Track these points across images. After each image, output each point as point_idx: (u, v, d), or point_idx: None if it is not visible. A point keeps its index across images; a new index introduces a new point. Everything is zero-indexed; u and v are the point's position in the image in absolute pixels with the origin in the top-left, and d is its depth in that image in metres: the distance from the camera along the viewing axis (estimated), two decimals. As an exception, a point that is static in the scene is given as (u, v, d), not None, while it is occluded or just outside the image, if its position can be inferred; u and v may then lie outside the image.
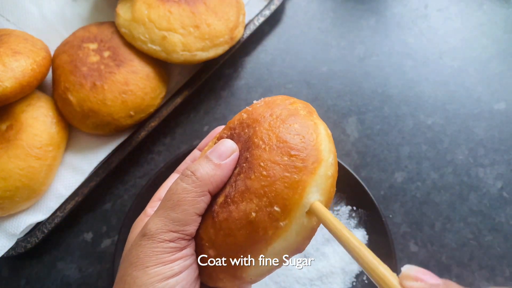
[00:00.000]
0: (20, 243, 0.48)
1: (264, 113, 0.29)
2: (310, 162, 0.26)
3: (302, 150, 0.26)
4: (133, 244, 0.28)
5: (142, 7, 0.49)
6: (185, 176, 0.28)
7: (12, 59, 0.44)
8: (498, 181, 0.51)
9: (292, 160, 0.26)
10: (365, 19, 0.62)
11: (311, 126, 0.27)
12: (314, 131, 0.27)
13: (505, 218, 0.49)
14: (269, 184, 0.25)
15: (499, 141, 0.53)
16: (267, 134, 0.27)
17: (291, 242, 0.26)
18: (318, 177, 0.26)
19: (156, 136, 0.56)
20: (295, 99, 0.31)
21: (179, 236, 0.27)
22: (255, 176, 0.26)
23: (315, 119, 0.29)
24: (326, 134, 0.28)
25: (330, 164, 0.27)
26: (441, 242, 0.49)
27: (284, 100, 0.30)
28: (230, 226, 0.26)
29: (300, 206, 0.25)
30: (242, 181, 0.27)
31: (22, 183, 0.46)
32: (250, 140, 0.28)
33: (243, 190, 0.26)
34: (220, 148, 0.29)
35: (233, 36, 0.53)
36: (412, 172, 0.52)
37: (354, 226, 0.48)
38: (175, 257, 0.27)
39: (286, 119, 0.28)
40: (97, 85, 0.48)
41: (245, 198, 0.26)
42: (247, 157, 0.27)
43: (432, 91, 0.56)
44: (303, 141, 0.26)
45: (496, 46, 0.59)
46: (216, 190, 0.28)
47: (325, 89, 0.58)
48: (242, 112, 0.32)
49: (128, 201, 0.53)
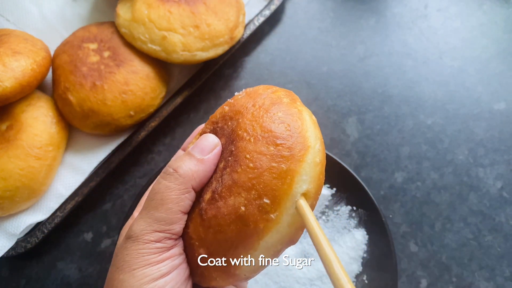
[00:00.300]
0: (20, 243, 0.48)
1: (247, 104, 0.28)
2: (297, 150, 0.25)
3: (288, 139, 0.25)
4: (118, 248, 0.27)
5: (142, 7, 0.49)
6: (167, 174, 0.27)
7: (12, 59, 0.44)
8: (498, 181, 0.51)
9: (278, 149, 0.25)
10: (365, 19, 0.62)
11: (296, 113, 0.27)
12: (299, 118, 0.26)
13: (505, 218, 0.49)
14: (256, 176, 0.24)
15: (499, 141, 0.53)
16: (251, 125, 0.26)
17: (283, 234, 0.25)
18: (306, 165, 0.25)
19: (156, 136, 0.56)
20: (277, 87, 0.30)
21: (165, 235, 0.26)
22: (241, 169, 0.25)
23: (299, 106, 0.28)
24: (311, 120, 0.27)
25: (318, 150, 0.26)
26: (441, 242, 0.49)
27: (266, 89, 0.29)
28: (219, 222, 0.25)
29: (290, 196, 0.24)
30: (229, 175, 0.26)
31: (22, 183, 0.46)
32: (234, 132, 0.27)
33: (230, 184, 0.25)
34: (202, 143, 0.28)
35: (233, 36, 0.53)
36: (412, 172, 0.52)
37: (354, 226, 0.48)
38: (162, 257, 0.26)
39: (269, 108, 0.27)
40: (97, 85, 0.48)
41: (233, 192, 0.25)
42: (232, 150, 0.27)
43: (432, 91, 0.56)
44: (288, 129, 0.26)
45: (496, 46, 0.59)
46: (200, 186, 0.28)
47: (325, 89, 0.58)
48: (224, 105, 0.31)
49: (128, 201, 0.53)
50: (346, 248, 0.47)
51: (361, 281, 0.45)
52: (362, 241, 0.47)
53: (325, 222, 0.49)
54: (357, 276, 0.46)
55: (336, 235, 0.48)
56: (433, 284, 0.47)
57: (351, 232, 0.47)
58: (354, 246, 0.47)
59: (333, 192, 0.49)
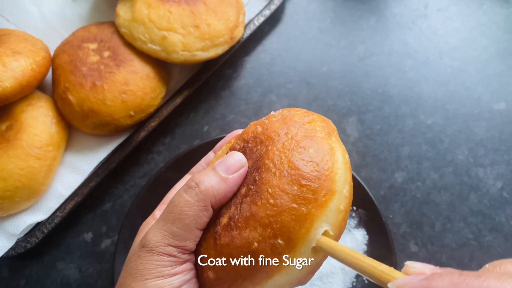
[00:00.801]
0: (20, 243, 0.48)
1: (279, 131, 0.27)
2: (322, 194, 0.24)
3: (314, 180, 0.24)
4: (132, 254, 0.28)
5: (142, 7, 0.49)
6: (189, 187, 0.27)
7: (12, 59, 0.44)
8: (498, 181, 0.51)
9: (302, 190, 0.24)
10: (365, 19, 0.62)
11: (328, 152, 0.25)
12: (330, 158, 0.25)
13: (505, 218, 0.49)
14: (275, 214, 0.24)
15: (499, 141, 0.53)
16: (279, 157, 0.25)
17: (293, 277, 0.25)
18: (329, 211, 0.24)
19: (156, 136, 0.56)
20: (315, 115, 0.29)
21: (178, 250, 0.27)
22: (261, 203, 0.24)
23: (334, 143, 0.27)
24: (344, 162, 0.26)
25: (344, 196, 0.25)
26: (441, 242, 0.49)
27: (303, 117, 0.28)
28: (231, 252, 0.25)
29: (305, 242, 0.24)
30: (248, 206, 0.25)
31: (22, 183, 0.46)
32: (262, 160, 0.26)
33: (248, 216, 0.25)
34: (229, 161, 0.28)
35: (233, 36, 0.53)
36: (412, 172, 0.52)
37: (354, 226, 0.48)
38: (175, 271, 0.26)
39: (301, 141, 0.26)
40: (97, 85, 0.48)
41: (249, 225, 0.24)
42: (255, 178, 0.26)
43: (432, 91, 0.56)
44: (316, 169, 0.24)
45: (496, 46, 0.59)
46: (219, 204, 0.27)
47: (325, 89, 0.58)
48: (257, 124, 0.30)
49: (128, 201, 0.53)
50: (346, 248, 0.47)
51: (361, 281, 0.45)
52: (362, 241, 0.47)
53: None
54: (357, 276, 0.46)
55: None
56: (433, 284, 0.47)
57: (351, 232, 0.47)
58: (354, 246, 0.47)
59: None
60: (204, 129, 0.57)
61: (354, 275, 0.46)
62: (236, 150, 0.30)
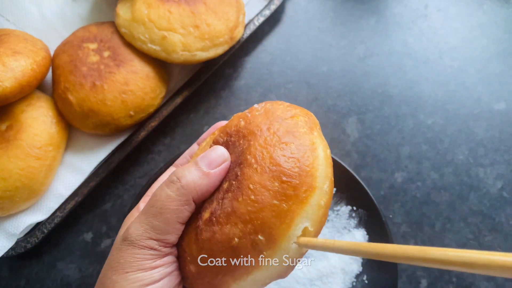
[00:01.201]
0: (20, 243, 0.48)
1: (261, 125, 0.27)
2: (302, 190, 0.24)
3: (294, 177, 0.24)
4: (114, 247, 0.28)
5: (142, 7, 0.49)
6: (171, 182, 0.27)
7: (12, 59, 0.44)
8: (498, 181, 0.51)
9: (283, 187, 0.24)
10: (365, 19, 0.62)
11: (309, 148, 0.26)
12: (312, 154, 0.25)
13: (505, 218, 0.49)
14: (256, 211, 0.24)
15: (499, 141, 0.53)
16: (261, 153, 0.25)
17: (273, 272, 0.25)
18: (309, 207, 0.24)
19: (156, 136, 0.56)
20: (298, 109, 0.29)
21: (160, 244, 0.27)
22: (242, 199, 0.24)
23: (315, 138, 0.27)
24: (325, 157, 0.26)
25: (324, 192, 0.25)
26: (441, 242, 0.49)
27: (285, 111, 0.28)
28: (212, 247, 0.25)
29: (286, 237, 0.24)
30: (229, 201, 0.25)
31: (22, 183, 0.46)
32: (244, 155, 0.26)
33: (229, 212, 0.25)
34: (211, 156, 0.28)
35: (233, 36, 0.53)
36: (412, 172, 0.52)
37: (354, 226, 0.48)
38: (156, 264, 0.26)
39: (283, 136, 0.26)
40: (97, 85, 0.48)
41: (230, 221, 0.25)
42: (237, 174, 0.26)
43: (432, 91, 0.56)
44: (297, 165, 0.25)
45: (496, 46, 0.59)
46: (201, 198, 0.27)
47: (325, 89, 0.58)
48: (240, 118, 0.30)
49: (128, 201, 0.53)
50: (346, 248, 0.47)
51: (361, 281, 0.45)
52: (362, 241, 0.47)
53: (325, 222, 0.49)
54: (357, 276, 0.46)
55: (336, 235, 0.48)
56: (433, 284, 0.47)
57: (351, 232, 0.47)
58: (354, 246, 0.46)
59: (333, 192, 0.49)
60: (204, 129, 0.57)
61: (354, 275, 0.46)
62: (219, 144, 0.30)
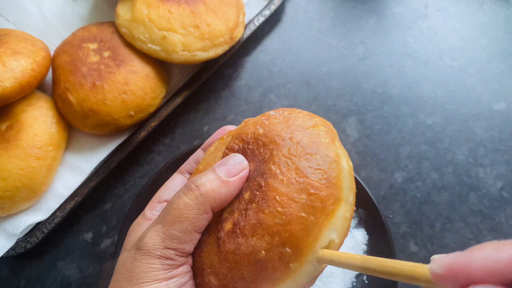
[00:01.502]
0: (20, 243, 0.48)
1: (283, 134, 0.27)
2: (330, 203, 0.24)
3: (322, 189, 0.24)
4: (127, 256, 0.27)
5: (142, 7, 0.49)
6: (189, 189, 0.26)
7: (12, 59, 0.44)
8: (498, 181, 0.51)
9: (310, 199, 0.24)
10: (365, 19, 0.62)
11: (334, 160, 0.25)
12: (337, 166, 0.25)
13: (505, 218, 0.49)
14: (283, 223, 0.24)
15: (499, 141, 0.53)
16: (285, 163, 0.25)
17: (298, 284, 0.25)
18: (336, 220, 0.24)
19: (156, 136, 0.56)
20: (317, 118, 0.29)
21: (176, 253, 0.26)
22: (269, 211, 0.24)
23: (338, 149, 0.27)
24: (349, 168, 0.26)
25: (350, 204, 0.25)
26: (441, 242, 0.49)
27: (306, 120, 0.28)
28: (237, 259, 0.25)
29: (313, 250, 0.24)
30: (254, 213, 0.25)
31: (22, 183, 0.46)
32: (266, 165, 0.26)
33: (255, 224, 0.24)
34: (230, 163, 0.27)
35: (233, 36, 0.53)
36: (412, 172, 0.52)
37: (354, 226, 0.48)
38: (172, 274, 0.26)
39: (307, 147, 0.26)
40: (97, 85, 0.48)
41: (256, 233, 0.24)
42: (261, 184, 0.26)
43: (432, 91, 0.56)
44: (324, 177, 0.24)
45: (496, 46, 0.59)
46: (219, 207, 0.27)
47: (325, 89, 0.58)
48: (257, 124, 0.30)
49: (128, 201, 0.53)
50: (346, 248, 0.47)
51: (361, 281, 0.45)
52: (362, 241, 0.47)
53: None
54: (357, 276, 0.46)
55: (336, 235, 0.48)
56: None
57: (351, 232, 0.47)
58: (354, 246, 0.47)
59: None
60: (204, 129, 0.57)
61: (354, 275, 0.46)
62: (235, 151, 0.30)
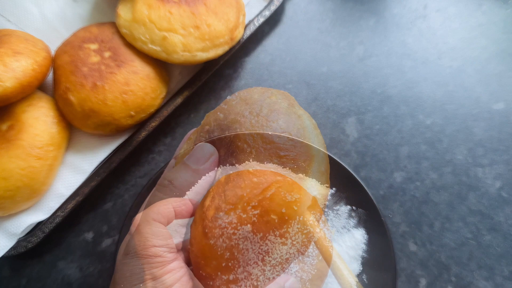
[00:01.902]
0: (21, 242, 0.48)
1: (243, 111, 0.27)
2: (302, 161, 0.24)
3: (291, 149, 0.24)
4: (118, 264, 0.27)
5: (143, 7, 0.49)
6: (163, 186, 0.26)
7: (13, 59, 0.45)
8: (497, 181, 0.51)
9: (282, 161, 0.24)
10: (365, 20, 0.62)
11: (296, 120, 0.25)
12: (301, 125, 0.25)
13: (504, 217, 0.50)
14: (262, 192, 0.23)
15: (498, 141, 0.53)
16: (250, 136, 0.25)
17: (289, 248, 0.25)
18: (312, 175, 0.24)
19: (157, 136, 0.57)
20: (273, 90, 0.29)
21: (164, 250, 0.26)
22: (245, 184, 0.24)
23: (298, 110, 0.26)
24: (312, 126, 0.26)
25: (322, 158, 0.25)
26: (440, 242, 0.49)
27: (261, 94, 0.28)
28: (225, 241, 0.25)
29: (297, 210, 0.24)
30: (232, 191, 0.25)
31: (23, 183, 0.46)
32: (233, 143, 0.26)
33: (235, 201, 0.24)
34: (198, 153, 0.27)
35: (233, 36, 0.53)
36: (411, 172, 0.52)
37: (353, 226, 0.48)
38: (164, 271, 0.25)
39: (268, 115, 0.26)
40: (97, 85, 0.48)
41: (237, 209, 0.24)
42: (233, 163, 0.26)
43: (431, 91, 0.57)
44: (290, 138, 0.24)
45: (495, 46, 0.59)
46: (197, 197, 0.27)
47: (325, 89, 0.58)
48: (217, 111, 0.30)
49: (129, 200, 0.53)
50: (346, 247, 0.47)
51: (361, 281, 0.46)
52: (362, 241, 0.47)
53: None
54: (357, 276, 0.46)
55: (336, 234, 0.48)
56: (432, 283, 0.47)
57: (350, 231, 0.48)
58: (354, 245, 0.47)
59: (333, 192, 0.49)
60: (204, 129, 0.57)
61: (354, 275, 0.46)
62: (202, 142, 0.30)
